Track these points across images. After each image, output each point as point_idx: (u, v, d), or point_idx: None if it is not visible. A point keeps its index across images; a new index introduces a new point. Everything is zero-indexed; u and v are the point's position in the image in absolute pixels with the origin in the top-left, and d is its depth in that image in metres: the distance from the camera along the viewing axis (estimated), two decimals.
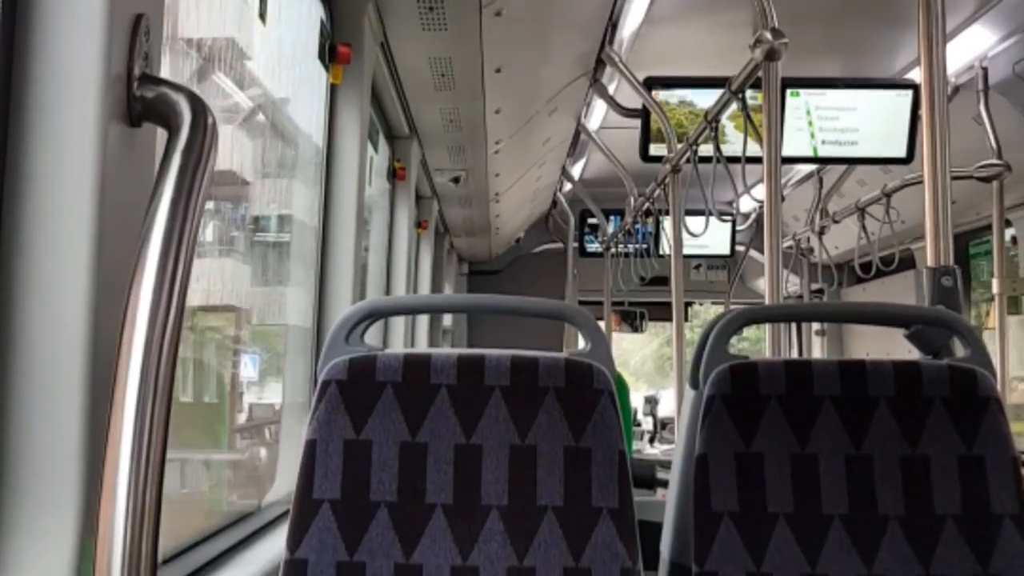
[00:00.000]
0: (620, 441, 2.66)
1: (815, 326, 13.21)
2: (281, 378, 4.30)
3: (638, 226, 9.79)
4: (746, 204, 11.04)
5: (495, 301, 3.01)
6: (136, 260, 1.44)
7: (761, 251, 5.00)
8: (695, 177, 6.09)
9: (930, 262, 3.57)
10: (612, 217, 11.53)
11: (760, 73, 4.58)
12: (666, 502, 3.05)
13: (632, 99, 7.02)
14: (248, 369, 3.94)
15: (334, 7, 4.37)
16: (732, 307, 6.92)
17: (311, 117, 4.39)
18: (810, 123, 6.75)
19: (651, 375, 26.51)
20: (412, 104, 6.21)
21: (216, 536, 3.21)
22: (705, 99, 6.35)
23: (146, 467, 1.37)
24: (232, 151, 3.41)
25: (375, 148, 6.29)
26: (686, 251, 6.96)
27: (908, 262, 8.77)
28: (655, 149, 6.86)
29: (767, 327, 4.53)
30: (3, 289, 1.59)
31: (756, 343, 16.53)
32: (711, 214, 5.98)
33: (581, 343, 2.85)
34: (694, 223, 6.47)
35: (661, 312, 13.16)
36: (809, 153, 6.93)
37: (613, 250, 11.19)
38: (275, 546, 3.34)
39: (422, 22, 4.69)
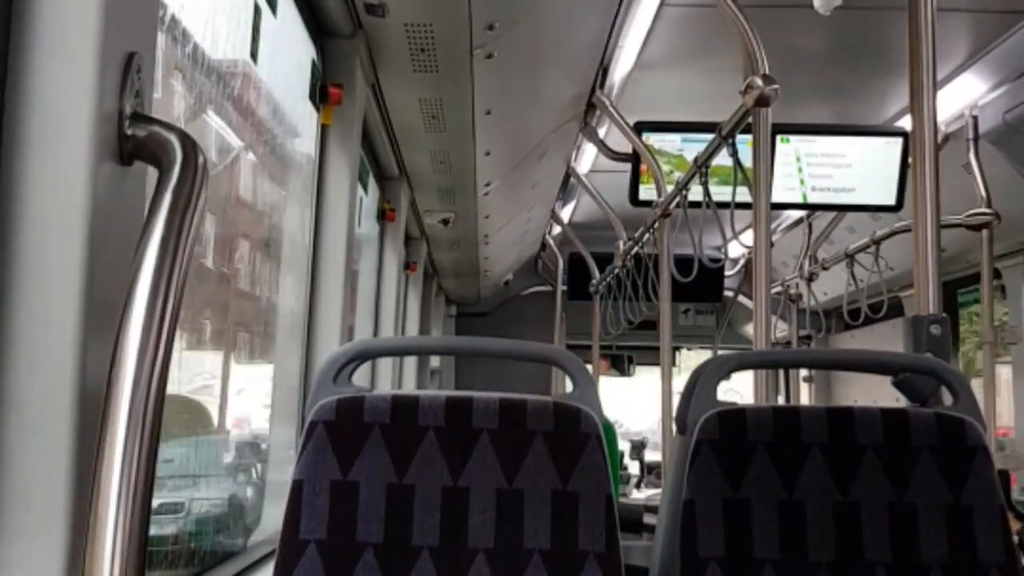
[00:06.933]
0: (607, 485, 2.66)
1: (803, 372, 13.21)
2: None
3: (626, 270, 9.77)
4: (735, 250, 11.06)
5: (484, 344, 3.01)
6: (126, 299, 1.44)
7: (750, 297, 5.00)
8: (684, 222, 6.09)
9: (919, 310, 3.57)
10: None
11: (750, 119, 4.59)
12: (652, 547, 3.04)
13: (622, 143, 7.03)
14: None
15: (326, 48, 4.38)
16: (720, 352, 6.92)
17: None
18: (800, 169, 6.77)
19: None
20: (402, 145, 6.22)
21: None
22: (695, 148, 6.36)
23: (132, 503, 1.36)
24: None
25: (365, 189, 6.29)
26: (674, 296, 6.95)
27: (896, 309, 8.78)
28: (645, 193, 6.86)
29: (754, 373, 4.53)
30: None
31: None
32: (700, 259, 5.98)
33: (569, 386, 2.85)
34: (683, 268, 6.47)
35: (649, 357, 13.16)
36: (799, 199, 6.95)
37: (601, 294, 11.18)
38: None
39: (413, 64, 4.70)
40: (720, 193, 5.59)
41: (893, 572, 2.62)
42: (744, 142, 4.94)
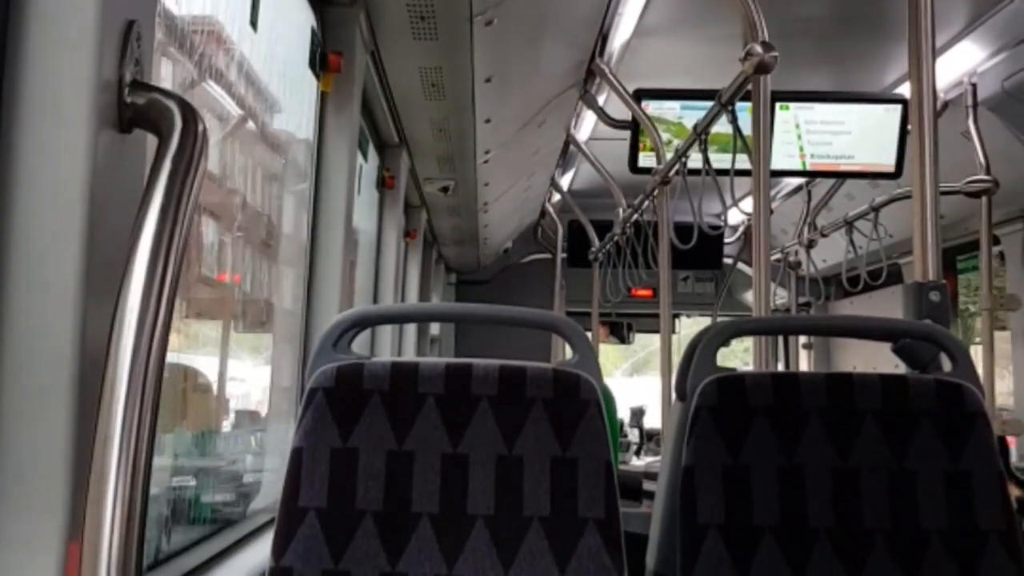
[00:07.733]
0: (607, 452, 2.66)
1: (802, 339, 13.21)
2: None
3: (626, 237, 9.75)
4: (735, 217, 11.03)
5: (484, 311, 3.01)
6: (125, 266, 1.44)
7: (749, 264, 5.00)
8: (684, 189, 6.09)
9: (918, 277, 3.57)
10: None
11: (750, 86, 4.58)
12: (652, 514, 3.05)
13: (622, 110, 7.02)
14: None
15: (325, 16, 4.37)
16: (719, 319, 6.92)
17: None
18: (799, 136, 6.77)
19: None
20: (402, 113, 6.20)
21: (201, 543, 3.20)
22: (694, 115, 6.34)
23: (132, 474, 1.36)
24: None
25: (364, 157, 6.28)
26: (674, 263, 6.95)
27: (896, 276, 8.77)
28: (644, 160, 6.85)
29: (753, 340, 4.53)
30: None
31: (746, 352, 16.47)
32: (700, 226, 5.97)
33: (569, 354, 2.85)
34: (682, 235, 6.46)
35: (648, 324, 13.16)
36: (798, 167, 6.95)
37: (601, 261, 11.16)
38: (260, 554, 3.34)
39: (413, 31, 4.68)
40: (719, 160, 5.58)
41: (892, 539, 2.63)
42: (744, 109, 4.94)
